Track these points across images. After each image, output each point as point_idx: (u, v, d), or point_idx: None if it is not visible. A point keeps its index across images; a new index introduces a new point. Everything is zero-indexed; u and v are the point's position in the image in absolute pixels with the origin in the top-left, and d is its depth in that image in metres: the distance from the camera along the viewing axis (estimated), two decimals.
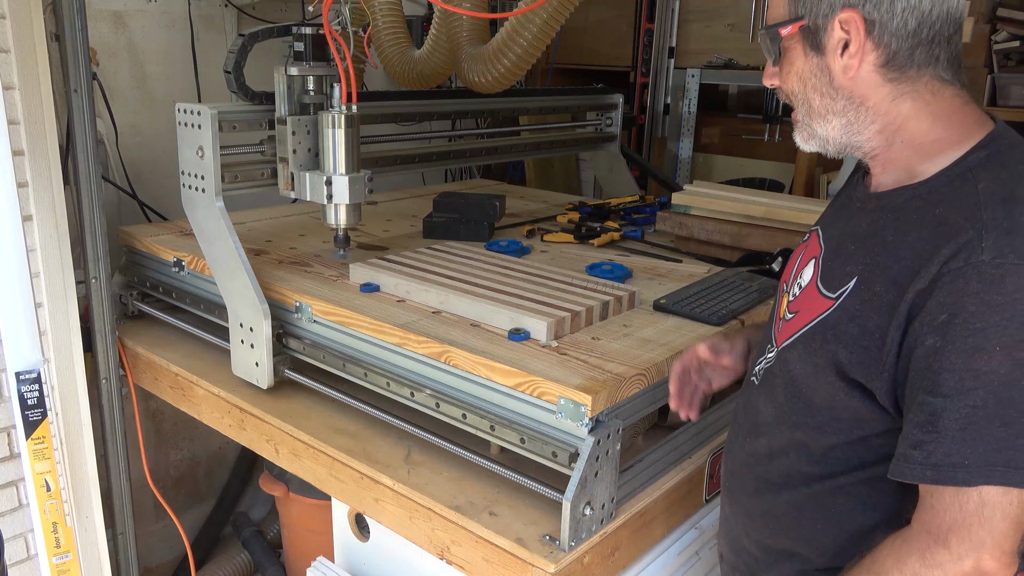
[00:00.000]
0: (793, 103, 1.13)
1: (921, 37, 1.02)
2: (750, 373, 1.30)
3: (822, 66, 1.07)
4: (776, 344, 1.20)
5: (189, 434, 2.79)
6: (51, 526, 1.96)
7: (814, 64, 1.08)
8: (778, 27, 1.09)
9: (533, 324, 1.54)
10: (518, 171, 4.01)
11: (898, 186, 1.08)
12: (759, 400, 1.22)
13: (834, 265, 1.11)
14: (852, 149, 1.11)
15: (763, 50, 1.15)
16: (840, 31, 1.03)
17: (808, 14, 1.06)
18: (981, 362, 0.91)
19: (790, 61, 1.10)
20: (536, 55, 2.14)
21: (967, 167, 1.02)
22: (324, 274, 1.90)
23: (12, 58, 1.74)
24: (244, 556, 2.76)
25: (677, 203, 2.26)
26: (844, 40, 1.04)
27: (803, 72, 1.09)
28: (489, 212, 2.31)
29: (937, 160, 1.04)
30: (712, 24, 3.60)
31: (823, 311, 1.09)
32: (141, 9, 2.56)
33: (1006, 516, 0.92)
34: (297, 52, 1.85)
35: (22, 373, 1.87)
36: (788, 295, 1.22)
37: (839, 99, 1.07)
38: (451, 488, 1.47)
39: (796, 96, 1.12)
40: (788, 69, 1.11)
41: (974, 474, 0.92)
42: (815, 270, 1.15)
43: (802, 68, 1.09)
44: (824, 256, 1.15)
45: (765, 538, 1.22)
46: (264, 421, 1.76)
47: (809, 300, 1.13)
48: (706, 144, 3.87)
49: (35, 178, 1.81)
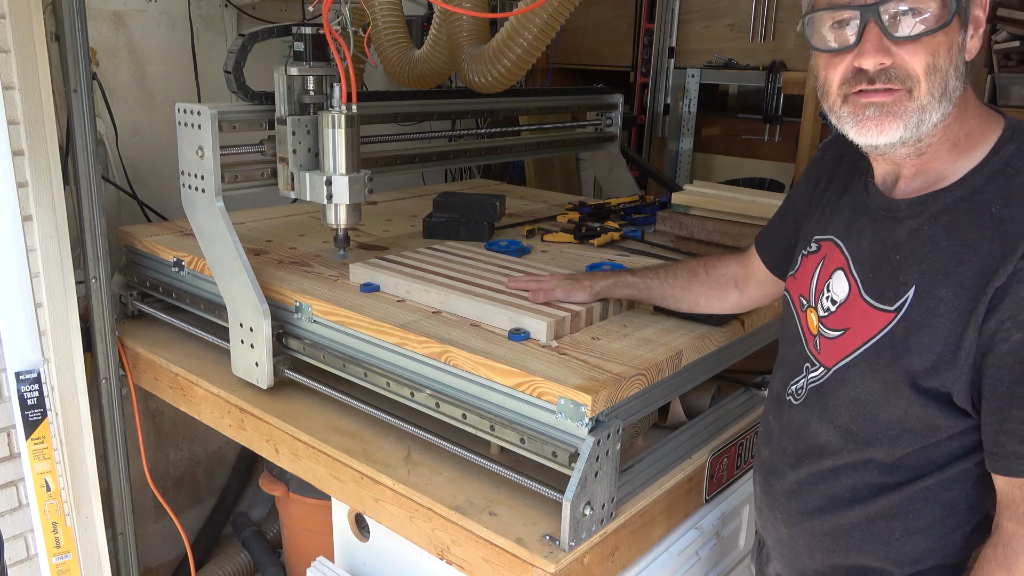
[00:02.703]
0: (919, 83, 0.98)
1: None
2: (782, 392, 1.27)
3: (963, 45, 0.99)
4: (823, 363, 1.17)
5: (189, 434, 2.79)
6: (51, 526, 1.96)
7: (958, 41, 0.98)
8: None
9: (533, 324, 1.54)
10: (518, 171, 4.01)
11: (929, 191, 1.06)
12: (811, 421, 1.19)
13: (879, 277, 1.08)
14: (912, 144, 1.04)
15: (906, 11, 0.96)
16: (978, 9, 0.98)
17: None
18: None
19: (950, 34, 0.97)
20: (536, 55, 2.13)
21: (1003, 163, 1.01)
22: (324, 274, 1.90)
23: (12, 58, 1.74)
24: (244, 556, 2.76)
25: (677, 203, 2.26)
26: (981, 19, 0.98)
27: (953, 47, 0.98)
28: (489, 212, 2.31)
29: (967, 159, 1.03)
30: (712, 24, 3.60)
31: (885, 325, 1.06)
32: (141, 9, 2.56)
33: None
34: (297, 52, 1.85)
35: (22, 373, 1.87)
36: (817, 310, 1.19)
37: (961, 82, 1.00)
38: (451, 488, 1.47)
39: (935, 73, 0.98)
40: (940, 42, 0.97)
41: None
42: (851, 282, 1.12)
43: (954, 43, 0.98)
44: (859, 268, 1.12)
45: (835, 557, 1.19)
46: (264, 421, 1.76)
47: (858, 315, 1.10)
48: (706, 144, 3.88)
49: (35, 178, 1.81)
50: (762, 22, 3.42)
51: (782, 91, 3.39)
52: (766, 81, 3.38)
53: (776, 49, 3.40)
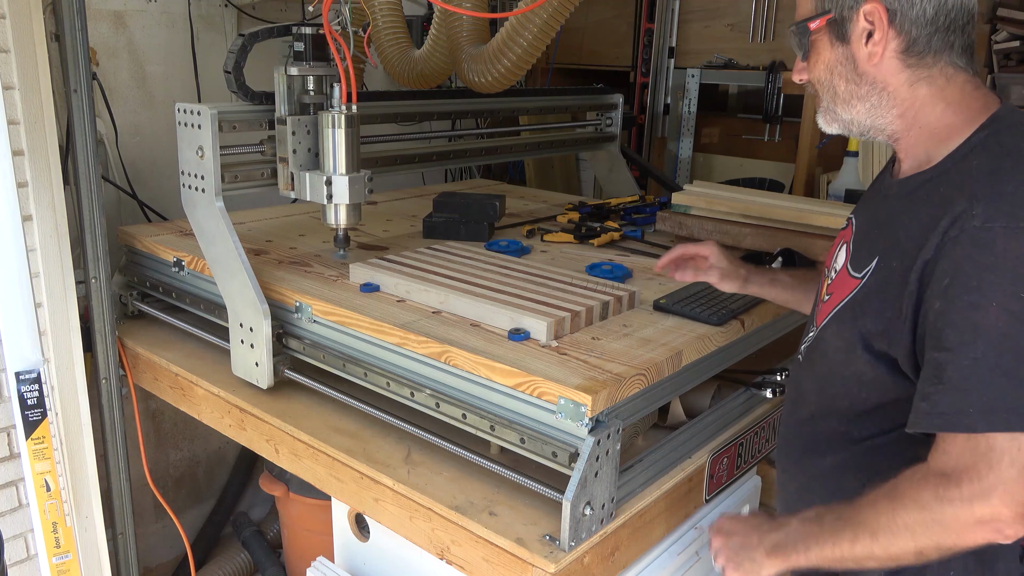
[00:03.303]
0: (819, 91, 1.22)
1: (938, 24, 1.11)
2: (797, 352, 1.40)
3: (847, 55, 1.16)
4: (816, 324, 1.31)
5: (189, 434, 2.79)
6: (51, 526, 1.96)
7: (840, 53, 1.17)
8: (807, 22, 1.18)
9: (533, 324, 1.54)
10: (518, 171, 4.01)
11: (915, 172, 1.17)
12: (803, 376, 1.33)
13: (861, 249, 1.22)
14: (875, 131, 1.20)
15: (792, 46, 1.24)
16: (864, 21, 1.13)
17: (834, 7, 1.15)
18: (978, 317, 0.99)
19: (817, 52, 1.19)
20: (536, 55, 2.13)
21: (969, 148, 1.11)
22: (324, 274, 1.90)
23: (12, 58, 1.74)
24: (244, 556, 2.76)
25: (677, 203, 2.26)
26: (868, 30, 1.13)
27: (830, 61, 1.18)
28: (489, 212, 2.31)
29: (948, 144, 1.13)
30: (712, 24, 3.60)
31: (852, 290, 1.20)
32: (141, 9, 2.56)
33: (1014, 462, 0.96)
34: (297, 52, 1.85)
35: (22, 373, 1.87)
36: (828, 279, 1.32)
37: (863, 84, 1.17)
38: (451, 488, 1.47)
39: (823, 84, 1.21)
40: (816, 60, 1.20)
41: (979, 420, 0.98)
42: (847, 254, 1.26)
43: (829, 58, 1.18)
44: (854, 241, 1.26)
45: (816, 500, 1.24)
46: (264, 421, 1.76)
47: (841, 282, 1.24)
48: (706, 144, 3.87)
49: (35, 178, 1.81)
50: (762, 22, 3.42)
51: (782, 91, 3.39)
52: (766, 81, 3.38)
53: (776, 49, 3.40)
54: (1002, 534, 0.99)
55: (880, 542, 1.06)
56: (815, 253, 2.00)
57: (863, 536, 1.08)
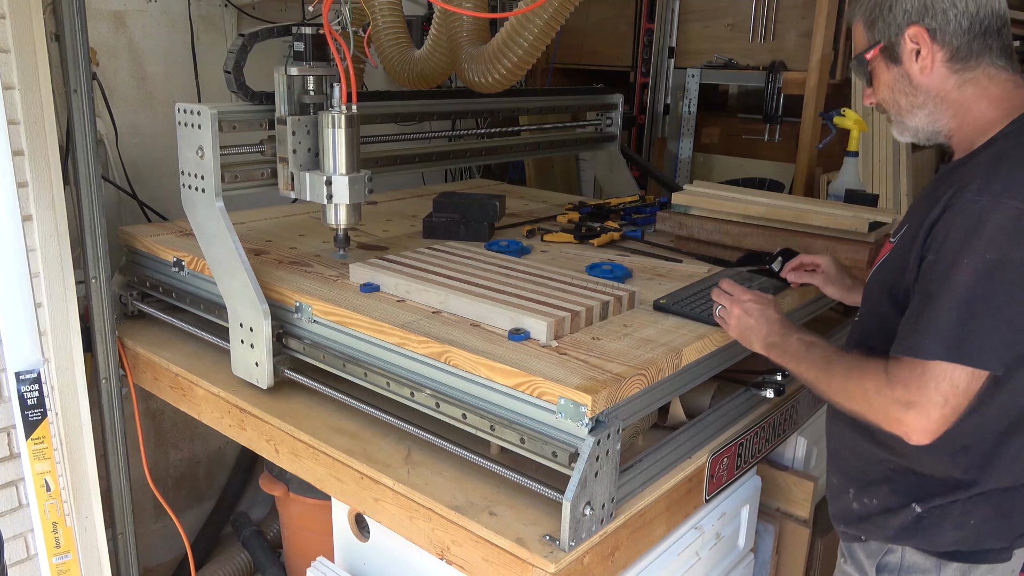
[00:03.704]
0: (887, 109, 1.42)
1: (975, 32, 1.30)
2: None
3: (902, 73, 1.37)
4: None
5: (189, 434, 2.79)
6: (51, 526, 1.96)
7: (895, 73, 1.38)
8: (863, 53, 1.40)
9: (533, 324, 1.54)
10: (518, 171, 4.01)
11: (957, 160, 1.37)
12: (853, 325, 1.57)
13: (903, 222, 1.43)
14: (937, 134, 1.40)
15: (857, 76, 1.47)
16: (910, 43, 1.33)
17: (883, 36, 1.36)
18: (952, 272, 1.20)
19: (878, 77, 1.40)
20: (537, 55, 2.13)
21: (993, 139, 1.31)
22: (324, 274, 1.90)
23: (12, 58, 1.74)
24: (244, 556, 2.76)
25: (677, 203, 2.26)
26: (915, 49, 1.33)
27: (889, 81, 1.39)
28: (489, 212, 2.31)
29: (987, 136, 1.32)
30: (712, 24, 3.60)
31: (887, 251, 1.43)
32: (141, 9, 2.56)
33: (939, 387, 1.20)
34: (297, 52, 1.85)
35: (22, 373, 1.87)
36: None
37: (920, 94, 1.36)
38: (451, 488, 1.47)
39: (888, 101, 1.41)
40: (878, 83, 1.41)
41: (929, 350, 1.20)
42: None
43: (888, 79, 1.39)
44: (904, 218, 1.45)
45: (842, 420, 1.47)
46: (264, 421, 1.76)
47: (887, 248, 1.45)
48: (706, 144, 3.87)
49: (35, 178, 1.81)
50: (762, 22, 3.42)
51: (782, 91, 3.39)
52: (766, 81, 3.38)
53: (776, 49, 3.40)
54: (908, 437, 1.24)
55: (830, 385, 1.36)
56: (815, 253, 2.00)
57: (822, 376, 1.38)
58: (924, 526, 1.37)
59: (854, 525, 1.49)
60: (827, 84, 3.29)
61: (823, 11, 3.16)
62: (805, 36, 3.28)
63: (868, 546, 1.47)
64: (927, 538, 1.38)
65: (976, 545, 1.36)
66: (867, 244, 1.96)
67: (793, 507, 2.02)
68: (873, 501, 1.44)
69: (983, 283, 1.18)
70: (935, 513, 1.37)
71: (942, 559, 1.38)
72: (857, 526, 1.48)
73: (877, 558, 1.45)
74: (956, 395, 1.20)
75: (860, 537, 1.48)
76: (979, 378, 1.20)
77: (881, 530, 1.43)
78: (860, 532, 1.48)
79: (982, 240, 1.18)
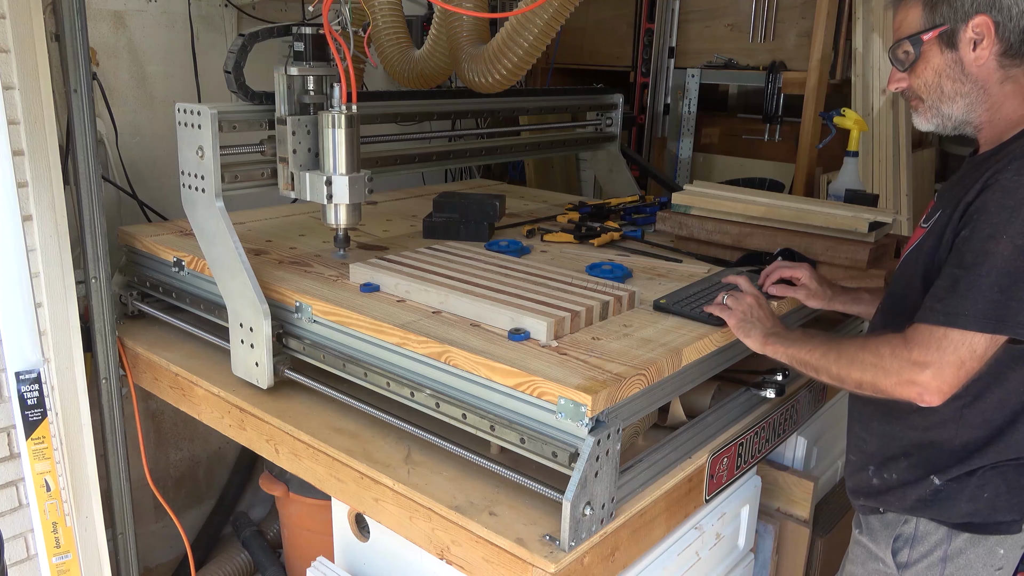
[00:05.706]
0: (922, 93, 1.43)
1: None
2: None
3: (956, 59, 1.38)
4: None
5: (189, 434, 2.79)
6: (51, 526, 1.96)
7: (948, 58, 1.39)
8: (921, 34, 1.40)
9: (533, 324, 1.54)
10: (518, 171, 4.01)
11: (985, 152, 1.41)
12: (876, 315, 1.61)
13: (933, 210, 1.47)
14: (966, 124, 1.43)
15: (892, 60, 1.45)
16: (972, 32, 1.35)
17: (948, 20, 1.37)
18: (991, 245, 1.25)
19: (927, 60, 1.41)
20: (537, 56, 2.13)
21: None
22: (324, 274, 1.90)
23: (12, 58, 1.74)
24: (244, 556, 2.76)
25: (677, 203, 2.26)
26: (974, 39, 1.35)
27: (939, 66, 1.40)
28: (489, 212, 2.31)
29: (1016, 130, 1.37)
30: (712, 24, 3.60)
31: (919, 237, 1.46)
32: (141, 9, 2.56)
33: (956, 351, 1.25)
34: (297, 52, 1.85)
35: (22, 373, 1.87)
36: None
37: (967, 83, 1.39)
38: (451, 488, 1.47)
39: (930, 86, 1.42)
40: (925, 67, 1.41)
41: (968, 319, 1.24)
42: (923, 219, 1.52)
43: (939, 63, 1.40)
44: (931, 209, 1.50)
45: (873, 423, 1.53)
46: (264, 421, 1.76)
47: (915, 236, 1.49)
48: (706, 144, 3.87)
49: (35, 178, 1.81)
50: (762, 22, 3.42)
51: (782, 91, 3.39)
52: (766, 81, 3.38)
53: (776, 49, 3.40)
54: (921, 399, 1.28)
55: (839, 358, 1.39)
56: (815, 253, 2.00)
57: (830, 351, 1.41)
58: (941, 498, 1.43)
59: (873, 498, 1.54)
60: (827, 84, 3.29)
61: (823, 11, 3.16)
62: (805, 36, 3.28)
63: (885, 518, 1.52)
64: (943, 509, 1.43)
65: (988, 517, 1.41)
66: (867, 244, 1.96)
67: (793, 507, 2.03)
68: (892, 475, 1.49)
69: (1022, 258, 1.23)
70: (952, 486, 1.42)
71: (954, 530, 1.43)
72: (876, 498, 1.53)
73: (894, 529, 1.50)
74: (973, 359, 1.25)
75: (878, 509, 1.53)
76: (996, 344, 1.26)
77: (900, 501, 1.48)
78: (879, 504, 1.53)
79: (1020, 216, 1.24)
